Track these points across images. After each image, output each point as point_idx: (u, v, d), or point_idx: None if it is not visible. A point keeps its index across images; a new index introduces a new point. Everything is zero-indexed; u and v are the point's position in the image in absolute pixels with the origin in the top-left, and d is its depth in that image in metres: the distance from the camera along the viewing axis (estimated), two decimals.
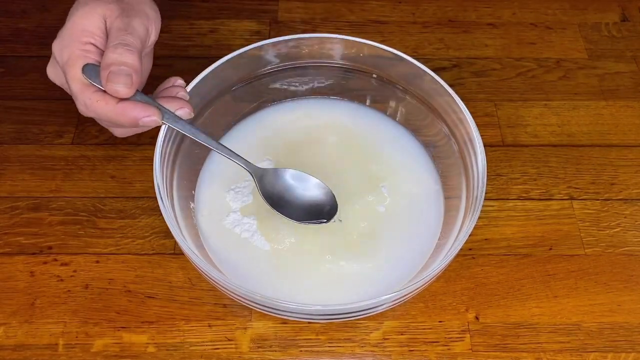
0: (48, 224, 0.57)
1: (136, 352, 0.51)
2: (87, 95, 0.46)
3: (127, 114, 0.46)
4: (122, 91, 0.45)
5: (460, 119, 0.54)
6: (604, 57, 0.71)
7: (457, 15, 0.74)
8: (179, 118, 0.49)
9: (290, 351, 0.51)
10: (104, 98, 0.46)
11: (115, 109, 0.46)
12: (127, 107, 0.46)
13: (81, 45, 0.47)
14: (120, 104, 0.46)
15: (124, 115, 0.46)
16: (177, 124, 0.48)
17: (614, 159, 0.63)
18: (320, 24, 0.73)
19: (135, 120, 0.46)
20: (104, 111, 0.46)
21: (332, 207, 0.53)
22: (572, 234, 0.58)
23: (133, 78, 0.45)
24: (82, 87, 0.46)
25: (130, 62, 0.46)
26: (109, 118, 0.47)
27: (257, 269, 0.52)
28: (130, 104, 0.46)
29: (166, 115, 0.48)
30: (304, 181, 0.54)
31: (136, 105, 0.46)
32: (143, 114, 0.46)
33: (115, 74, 0.45)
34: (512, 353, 0.52)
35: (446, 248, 0.50)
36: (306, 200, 0.53)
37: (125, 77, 0.45)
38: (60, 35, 0.48)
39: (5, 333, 0.52)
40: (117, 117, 0.46)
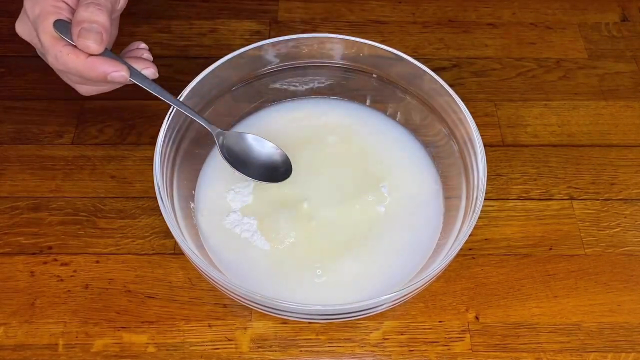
0: (48, 224, 0.57)
1: (136, 352, 0.51)
2: (58, 48, 0.47)
3: (97, 68, 0.47)
4: (92, 47, 0.47)
5: (460, 119, 0.54)
6: (604, 57, 0.71)
7: (457, 15, 0.74)
8: (145, 77, 0.50)
9: (290, 351, 0.51)
10: (75, 52, 0.47)
11: (85, 63, 0.47)
12: (97, 62, 0.47)
13: (53, 1, 0.48)
14: (90, 58, 0.47)
15: (94, 70, 0.47)
16: (144, 82, 0.50)
17: (614, 159, 0.63)
18: (320, 24, 0.73)
19: (104, 74, 0.47)
20: (74, 64, 0.47)
21: (287, 169, 0.56)
22: (572, 234, 0.58)
23: (103, 36, 0.47)
24: (53, 40, 0.48)
25: (101, 20, 0.47)
26: (78, 71, 0.48)
27: (257, 269, 0.52)
28: (100, 59, 0.47)
29: (133, 72, 0.49)
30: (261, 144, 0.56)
31: (106, 60, 0.48)
32: (112, 69, 0.47)
33: (86, 30, 0.47)
34: (512, 353, 0.52)
35: (446, 248, 0.50)
36: (263, 161, 0.56)
37: (96, 34, 0.47)
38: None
39: (5, 333, 0.52)
40: (86, 70, 0.48)
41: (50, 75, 0.67)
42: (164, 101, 0.51)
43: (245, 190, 0.56)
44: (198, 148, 0.57)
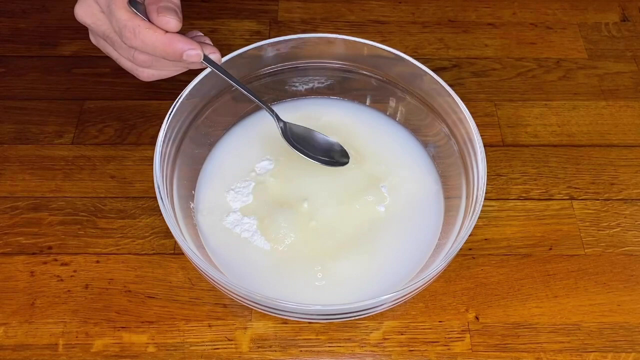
0: (48, 224, 0.57)
1: (136, 352, 0.51)
2: (137, 22, 0.47)
3: (175, 44, 0.47)
4: (172, 22, 0.47)
5: (460, 119, 0.54)
6: (604, 57, 0.71)
7: (457, 15, 0.74)
8: (214, 63, 0.50)
9: (290, 351, 0.51)
10: (152, 27, 0.47)
11: (164, 39, 0.47)
12: (175, 38, 0.47)
13: None
14: (168, 34, 0.47)
15: (171, 46, 0.47)
16: (213, 65, 0.50)
17: (614, 159, 0.63)
18: (320, 24, 0.73)
19: (181, 51, 0.47)
20: (152, 40, 0.47)
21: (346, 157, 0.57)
22: (572, 234, 0.58)
23: (179, 14, 0.47)
24: (131, 15, 0.47)
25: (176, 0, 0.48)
26: (155, 48, 0.48)
27: (257, 269, 0.52)
28: (177, 36, 0.48)
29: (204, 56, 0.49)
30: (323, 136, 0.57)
31: (182, 38, 0.48)
32: (189, 47, 0.47)
33: (165, 9, 0.47)
34: (512, 353, 0.52)
35: (446, 248, 0.50)
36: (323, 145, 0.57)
37: (174, 12, 0.47)
38: None
39: (5, 333, 0.52)
40: (164, 46, 0.47)
41: (50, 75, 0.67)
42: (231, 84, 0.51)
43: (245, 190, 0.56)
44: (198, 148, 0.57)
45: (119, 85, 0.66)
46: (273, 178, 0.56)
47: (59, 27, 0.71)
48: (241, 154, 0.58)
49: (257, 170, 0.57)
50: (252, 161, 0.58)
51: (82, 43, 0.69)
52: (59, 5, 0.73)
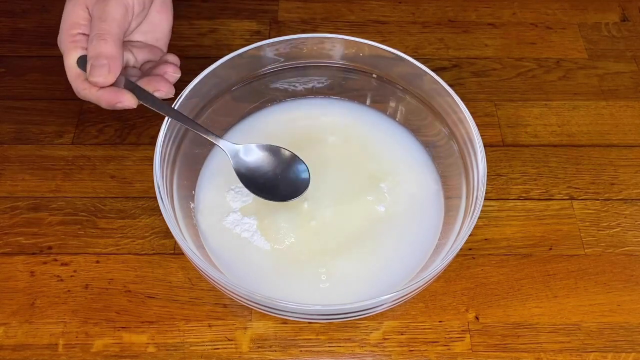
0: (48, 224, 0.57)
1: (136, 352, 0.51)
2: (78, 83, 0.52)
3: (105, 99, 0.51)
4: (100, 81, 0.50)
5: (460, 119, 0.54)
6: (604, 57, 0.71)
7: (457, 15, 0.74)
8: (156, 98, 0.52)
9: (290, 351, 0.51)
10: (89, 87, 0.51)
11: (97, 95, 0.51)
12: (104, 94, 0.51)
13: (70, 37, 0.52)
14: (100, 91, 0.51)
15: (102, 101, 0.51)
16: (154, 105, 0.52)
17: (614, 159, 0.63)
18: (320, 24, 0.73)
19: (112, 104, 0.51)
20: (89, 97, 0.52)
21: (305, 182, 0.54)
22: (572, 234, 0.58)
23: (110, 67, 0.50)
24: (74, 76, 0.52)
25: (105, 51, 0.51)
26: (92, 101, 0.52)
27: (257, 269, 0.52)
28: (107, 91, 0.51)
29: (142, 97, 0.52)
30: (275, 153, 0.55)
31: (111, 92, 0.51)
32: (117, 100, 0.51)
33: (94, 67, 0.50)
34: (512, 353, 0.52)
35: (446, 248, 0.50)
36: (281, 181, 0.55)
37: (101, 69, 0.50)
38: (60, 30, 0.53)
39: (5, 333, 0.52)
40: (98, 102, 0.52)
41: (50, 75, 0.67)
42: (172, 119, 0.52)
43: (245, 190, 0.56)
44: (198, 148, 0.57)
45: None
46: None
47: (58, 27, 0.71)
48: None
49: None
50: None
51: None
52: (59, 5, 0.72)
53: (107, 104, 0.51)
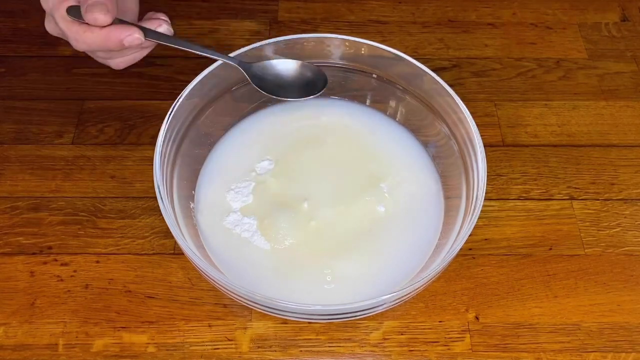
0: (48, 224, 0.57)
1: (136, 352, 0.51)
2: (74, 29, 0.50)
3: (111, 36, 0.50)
4: (100, 18, 0.49)
5: (460, 119, 0.54)
6: (604, 57, 0.71)
7: (457, 15, 0.74)
8: (161, 34, 0.52)
9: (290, 351, 0.51)
10: (90, 28, 0.50)
11: (100, 34, 0.50)
12: (110, 30, 0.50)
13: None
14: (104, 29, 0.50)
15: (109, 38, 0.50)
16: (160, 38, 0.52)
17: (614, 159, 0.63)
18: (320, 24, 0.73)
19: (119, 40, 0.50)
20: (91, 39, 0.50)
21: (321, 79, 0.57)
22: (572, 234, 0.58)
23: (108, 6, 0.49)
24: (69, 24, 0.50)
25: None
26: (97, 45, 0.51)
27: (257, 269, 0.52)
28: (113, 27, 0.50)
29: (148, 33, 0.51)
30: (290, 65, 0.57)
31: (117, 27, 0.50)
32: (125, 33, 0.50)
33: (91, 5, 0.49)
34: (512, 353, 0.52)
35: (446, 248, 0.50)
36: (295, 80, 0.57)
37: (101, 6, 0.49)
38: None
39: (5, 333, 0.52)
40: (103, 41, 0.50)
41: (50, 75, 0.67)
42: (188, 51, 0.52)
43: (245, 190, 0.56)
44: (198, 148, 0.57)
45: (119, 85, 0.66)
46: (273, 178, 0.57)
47: None
48: (241, 154, 0.58)
49: (257, 170, 0.57)
50: (252, 161, 0.58)
51: None
52: None
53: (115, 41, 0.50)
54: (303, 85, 0.56)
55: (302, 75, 0.57)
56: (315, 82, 0.57)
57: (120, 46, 0.50)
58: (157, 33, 0.52)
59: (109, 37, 0.49)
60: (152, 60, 0.67)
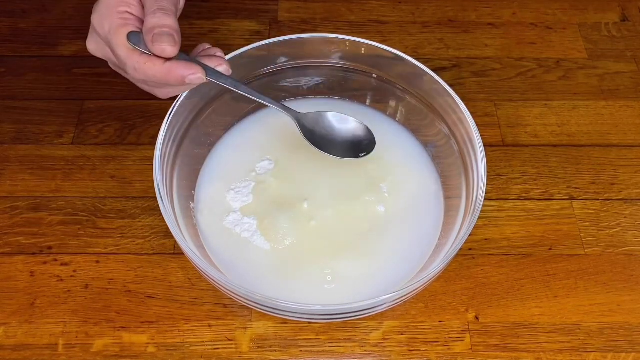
0: (48, 224, 0.57)
1: (136, 352, 0.51)
2: (135, 59, 0.48)
3: (174, 72, 0.48)
4: (168, 50, 0.47)
5: (460, 119, 0.54)
6: (604, 57, 0.71)
7: (457, 15, 0.74)
8: (221, 74, 0.51)
9: (290, 351, 0.51)
10: (151, 59, 0.48)
11: (163, 69, 0.48)
12: (174, 66, 0.48)
13: (120, 14, 0.49)
14: (167, 63, 0.48)
15: (171, 74, 0.48)
16: (220, 79, 0.50)
17: (614, 159, 0.63)
18: (320, 24, 0.73)
19: (182, 78, 0.48)
20: (153, 72, 0.48)
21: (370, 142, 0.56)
22: (572, 234, 0.58)
23: (175, 38, 0.48)
24: (129, 52, 0.48)
25: (170, 23, 0.48)
26: (157, 78, 0.49)
27: (257, 269, 0.52)
28: (176, 63, 0.48)
29: (209, 72, 0.50)
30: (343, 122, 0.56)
31: (181, 64, 0.48)
32: (189, 72, 0.48)
33: (159, 35, 0.47)
34: (512, 353, 0.52)
35: (446, 248, 0.50)
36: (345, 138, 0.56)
37: (169, 37, 0.47)
38: (97, 9, 0.50)
39: (5, 333, 0.52)
40: (164, 76, 0.48)
41: (50, 75, 0.67)
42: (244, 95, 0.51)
43: (245, 190, 0.56)
44: (198, 148, 0.57)
45: (119, 85, 0.66)
46: (273, 178, 0.57)
47: (59, 27, 0.71)
48: (241, 154, 0.58)
49: (257, 170, 0.57)
50: (252, 161, 0.58)
51: (82, 43, 0.68)
52: (59, 5, 0.73)
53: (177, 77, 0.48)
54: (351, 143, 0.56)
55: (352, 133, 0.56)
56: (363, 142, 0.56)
57: (181, 83, 0.49)
58: (217, 73, 0.50)
59: (171, 72, 0.48)
60: None
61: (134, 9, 0.50)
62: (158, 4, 0.48)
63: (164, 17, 0.48)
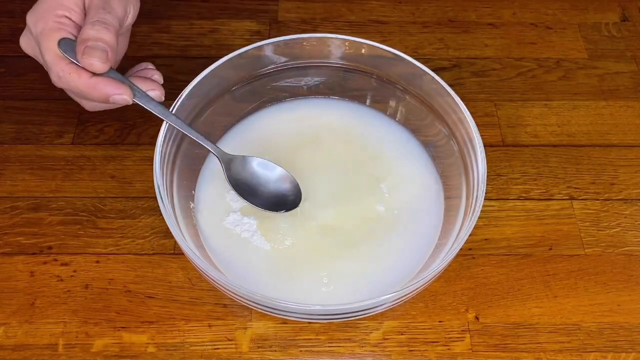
0: (48, 224, 0.57)
1: (136, 352, 0.51)
2: (61, 67, 0.47)
3: (100, 89, 0.47)
4: (96, 65, 0.46)
5: (460, 119, 0.54)
6: (604, 57, 0.71)
7: (457, 15, 0.74)
8: (151, 98, 0.49)
9: (290, 351, 0.51)
10: (77, 71, 0.47)
11: (88, 83, 0.47)
12: (100, 82, 0.47)
13: (56, 18, 0.47)
14: (93, 78, 0.47)
15: (96, 90, 0.47)
16: (149, 104, 0.49)
17: (614, 159, 0.63)
18: (320, 24, 0.73)
19: (106, 96, 0.47)
20: (76, 84, 0.47)
21: (296, 196, 0.54)
22: (572, 234, 0.58)
23: (109, 54, 0.46)
24: (56, 59, 0.47)
25: (107, 39, 0.46)
26: (80, 91, 0.48)
27: (257, 269, 0.52)
28: (103, 80, 0.47)
29: (137, 94, 0.48)
30: (270, 170, 0.55)
31: (109, 81, 0.47)
32: (114, 91, 0.47)
33: (91, 49, 0.46)
34: (512, 353, 0.52)
35: (446, 248, 0.50)
36: (272, 190, 0.54)
37: (101, 53, 0.46)
38: (35, 7, 0.49)
39: (5, 333, 0.52)
40: (88, 90, 0.47)
41: None
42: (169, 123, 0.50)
43: None
44: (198, 148, 0.57)
45: None
46: None
47: None
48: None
49: None
50: None
51: None
52: None
53: (101, 95, 0.46)
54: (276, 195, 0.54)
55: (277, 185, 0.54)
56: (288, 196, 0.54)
57: (105, 101, 0.47)
58: (147, 96, 0.48)
59: (96, 88, 0.46)
60: (152, 60, 0.67)
61: (74, 15, 0.48)
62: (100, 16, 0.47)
63: (103, 30, 0.46)
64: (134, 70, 0.52)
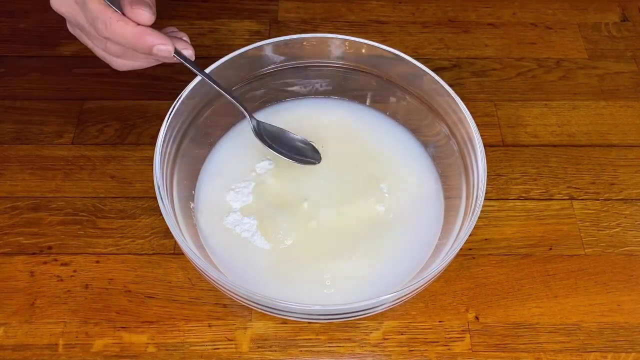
0: (48, 224, 0.57)
1: (136, 352, 0.51)
2: (108, 14, 0.46)
3: (145, 38, 0.47)
4: (145, 16, 0.46)
5: (460, 119, 0.54)
6: (604, 57, 0.71)
7: (457, 15, 0.74)
8: (185, 57, 0.50)
9: (290, 351, 0.51)
10: (124, 19, 0.47)
11: (135, 31, 0.46)
12: (146, 32, 0.47)
13: None
14: (139, 27, 0.47)
15: (141, 39, 0.47)
16: (186, 60, 0.50)
17: (614, 159, 0.63)
18: (320, 24, 0.73)
19: (151, 46, 0.47)
20: (123, 31, 0.47)
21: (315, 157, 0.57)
22: (572, 234, 0.58)
23: (153, 8, 0.47)
24: (103, 8, 0.47)
25: None
26: (125, 40, 0.47)
27: (257, 269, 0.52)
28: (149, 30, 0.47)
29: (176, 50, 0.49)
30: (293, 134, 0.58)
31: (154, 32, 0.47)
32: (159, 41, 0.47)
33: (138, 2, 0.46)
34: (512, 353, 0.52)
35: (446, 248, 0.50)
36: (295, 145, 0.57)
37: (147, 5, 0.46)
38: None
39: (5, 333, 0.52)
40: (134, 39, 0.47)
41: (50, 75, 0.67)
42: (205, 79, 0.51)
43: (245, 190, 0.56)
44: (198, 148, 0.57)
45: (119, 85, 0.66)
46: (273, 178, 0.57)
47: (59, 27, 0.71)
48: (241, 154, 0.58)
49: (257, 170, 0.57)
50: (252, 161, 0.58)
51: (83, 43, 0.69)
52: None
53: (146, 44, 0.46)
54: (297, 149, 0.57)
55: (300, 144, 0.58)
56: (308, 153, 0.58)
57: (148, 51, 0.47)
58: (181, 54, 0.49)
59: (142, 37, 0.46)
60: None
61: None
62: None
63: None
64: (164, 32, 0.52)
